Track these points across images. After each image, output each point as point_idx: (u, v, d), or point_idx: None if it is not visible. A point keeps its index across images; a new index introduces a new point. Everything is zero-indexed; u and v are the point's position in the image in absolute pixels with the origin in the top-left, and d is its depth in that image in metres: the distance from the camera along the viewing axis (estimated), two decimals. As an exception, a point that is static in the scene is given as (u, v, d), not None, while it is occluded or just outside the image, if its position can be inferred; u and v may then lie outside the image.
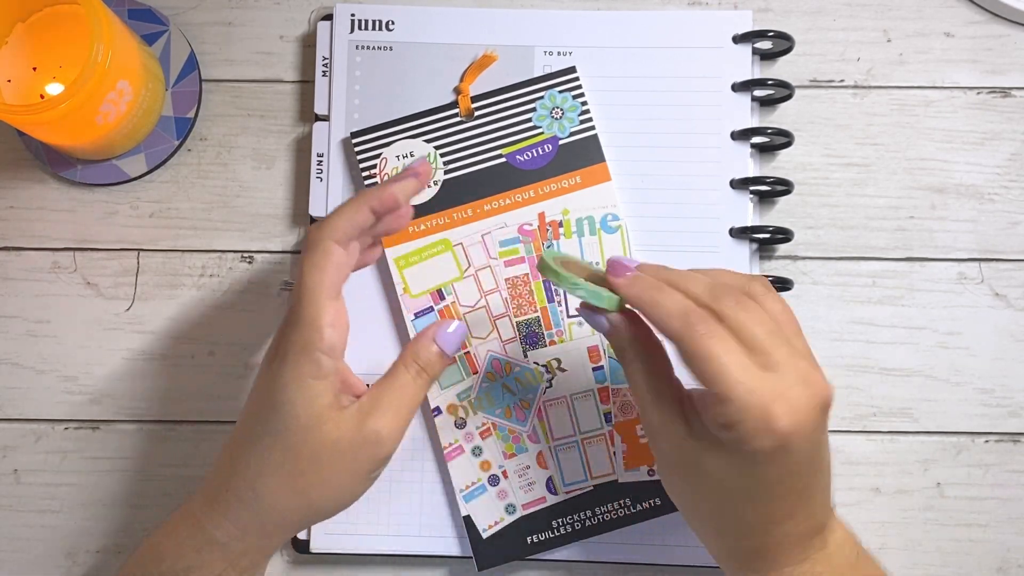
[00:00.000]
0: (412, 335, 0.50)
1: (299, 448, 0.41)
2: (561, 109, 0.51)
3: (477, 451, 0.50)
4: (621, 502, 0.49)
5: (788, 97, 0.53)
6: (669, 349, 0.40)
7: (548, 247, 0.51)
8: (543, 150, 0.51)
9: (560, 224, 0.51)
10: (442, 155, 0.51)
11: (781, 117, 0.54)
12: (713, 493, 0.39)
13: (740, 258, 0.51)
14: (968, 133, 0.53)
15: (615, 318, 0.41)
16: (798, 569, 0.39)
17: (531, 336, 0.50)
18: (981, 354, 0.52)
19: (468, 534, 0.49)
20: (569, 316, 0.50)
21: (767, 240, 0.51)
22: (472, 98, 0.52)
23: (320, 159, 0.52)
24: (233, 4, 0.55)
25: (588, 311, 0.41)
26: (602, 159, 0.51)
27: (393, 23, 0.53)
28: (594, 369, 0.50)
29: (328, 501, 0.42)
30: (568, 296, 0.50)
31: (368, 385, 0.44)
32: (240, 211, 0.54)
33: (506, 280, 0.51)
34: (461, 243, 0.51)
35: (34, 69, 0.51)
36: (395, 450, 0.42)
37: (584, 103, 0.52)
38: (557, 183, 0.51)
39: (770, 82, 0.51)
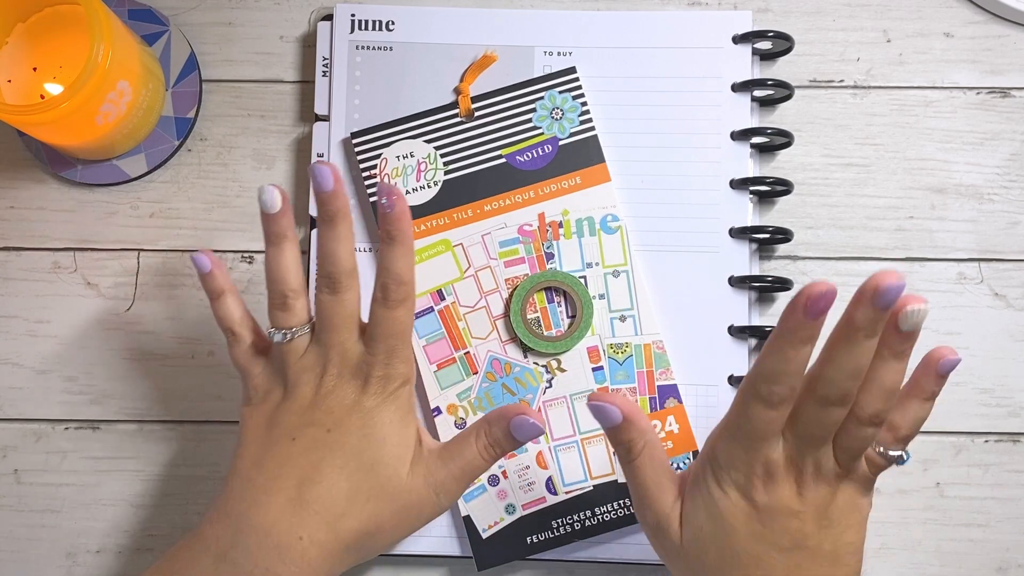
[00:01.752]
0: (412, 335, 0.50)
1: (372, 482, 0.41)
2: (561, 109, 0.52)
3: (477, 451, 0.50)
4: (621, 502, 0.49)
5: (788, 97, 0.53)
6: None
7: (548, 246, 0.51)
8: (543, 150, 0.51)
9: (560, 224, 0.51)
10: (442, 155, 0.51)
11: (781, 117, 0.54)
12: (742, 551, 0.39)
13: (740, 258, 0.51)
14: (968, 133, 0.53)
15: (626, 408, 0.41)
16: None
17: (531, 336, 0.50)
18: (981, 354, 0.52)
19: (468, 534, 0.49)
20: (568, 316, 0.50)
21: (767, 240, 0.51)
22: (472, 98, 0.52)
23: (320, 159, 0.52)
24: (233, 4, 0.55)
25: (598, 403, 0.41)
26: (602, 159, 0.51)
27: (393, 23, 0.53)
28: (594, 369, 0.50)
29: (361, 537, 0.41)
30: (569, 299, 0.50)
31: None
32: (240, 211, 0.54)
33: (506, 280, 0.51)
34: (461, 243, 0.51)
35: (34, 69, 0.51)
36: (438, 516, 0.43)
37: (584, 103, 0.52)
38: (557, 183, 0.51)
39: (770, 82, 0.51)
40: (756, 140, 0.52)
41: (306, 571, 0.39)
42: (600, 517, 0.49)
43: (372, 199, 0.51)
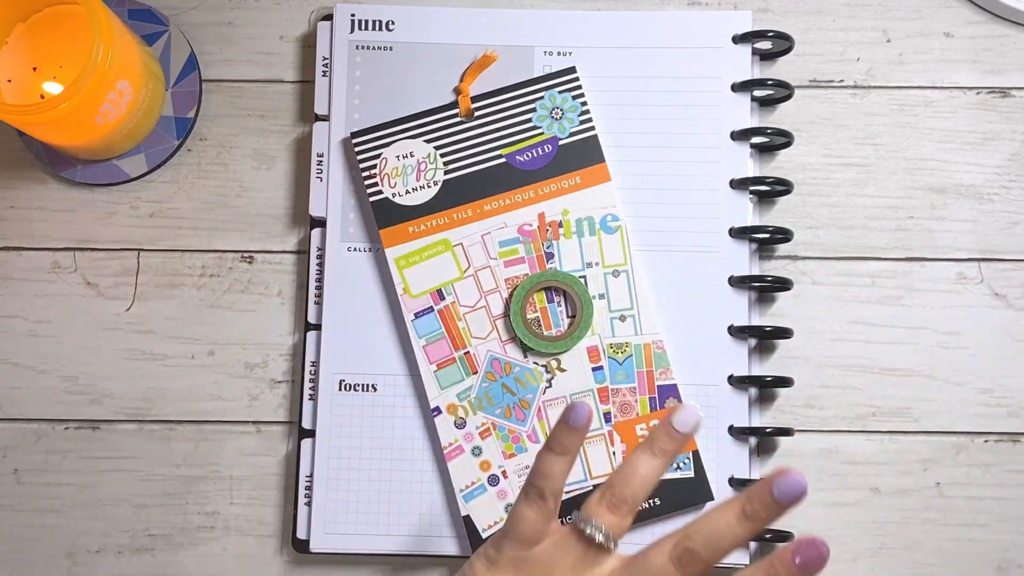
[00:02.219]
0: (412, 335, 0.50)
1: None
2: (561, 109, 0.52)
3: (477, 451, 0.50)
4: (621, 502, 0.49)
5: (788, 97, 0.53)
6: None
7: (548, 246, 0.51)
8: (543, 150, 0.51)
9: (560, 224, 0.51)
10: (442, 155, 0.51)
11: (781, 117, 0.54)
12: None
13: (740, 258, 0.51)
14: (968, 133, 0.53)
15: None
16: None
17: (531, 336, 0.50)
18: (981, 354, 0.52)
19: (468, 534, 0.49)
20: (568, 316, 0.50)
21: (767, 240, 0.51)
22: (472, 98, 0.52)
23: (320, 159, 0.52)
24: (233, 4, 0.55)
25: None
26: (602, 159, 0.51)
27: (393, 23, 0.53)
28: (594, 369, 0.50)
29: None
30: (569, 299, 0.50)
31: None
32: (240, 211, 0.54)
33: (506, 280, 0.51)
34: (461, 243, 0.51)
35: (34, 69, 0.51)
36: None
37: (584, 103, 0.52)
38: (557, 183, 0.51)
39: (770, 82, 0.51)
40: (756, 140, 0.52)
41: None
42: (600, 517, 0.49)
43: (372, 199, 0.51)
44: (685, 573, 0.36)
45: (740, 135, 0.51)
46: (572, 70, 0.52)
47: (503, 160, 0.51)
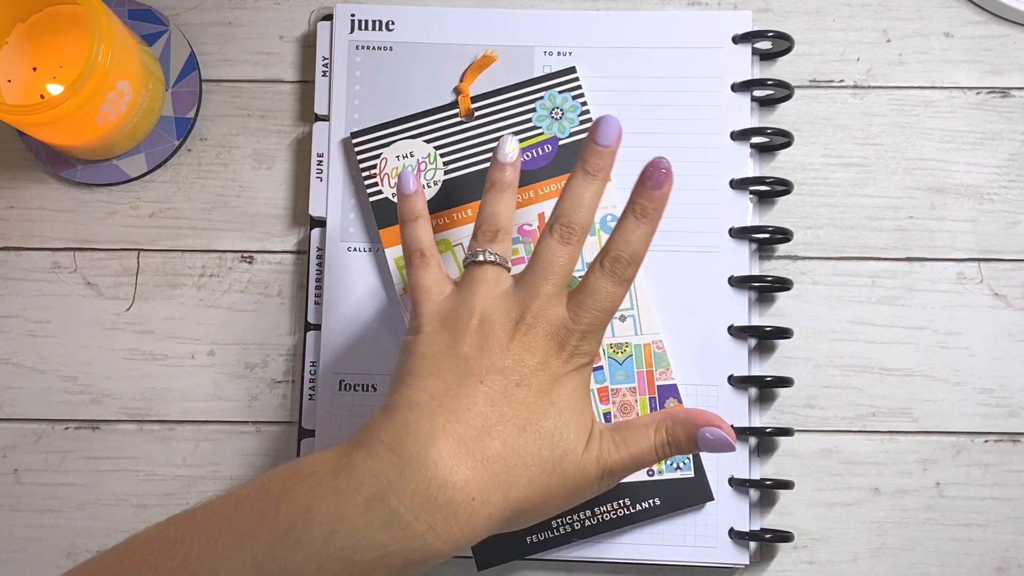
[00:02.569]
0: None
1: (549, 452, 0.38)
2: (561, 109, 0.52)
3: (477, 451, 0.50)
4: (621, 502, 0.49)
5: (788, 97, 0.53)
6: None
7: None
8: (543, 150, 0.51)
9: (560, 224, 0.51)
10: (442, 155, 0.51)
11: (781, 117, 0.54)
12: None
13: (740, 258, 0.51)
14: (968, 133, 0.53)
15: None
16: None
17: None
18: (981, 354, 0.52)
19: (468, 534, 0.49)
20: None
21: (767, 240, 0.51)
22: (472, 98, 0.52)
23: (320, 159, 0.52)
24: (233, 4, 0.55)
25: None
26: (602, 159, 0.51)
27: (393, 23, 0.53)
28: (593, 369, 0.50)
29: (526, 508, 0.38)
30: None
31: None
32: (240, 211, 0.54)
33: (506, 280, 0.51)
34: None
35: (34, 69, 0.51)
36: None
37: (584, 103, 0.52)
38: (557, 183, 0.51)
39: (770, 82, 0.51)
40: (756, 140, 0.52)
41: (468, 535, 0.35)
42: (600, 517, 0.49)
43: (372, 199, 0.51)
44: (572, 243, 0.41)
45: (740, 135, 0.51)
46: (572, 70, 0.52)
47: (503, 160, 0.51)
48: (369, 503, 0.34)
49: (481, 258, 0.42)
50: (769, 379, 0.50)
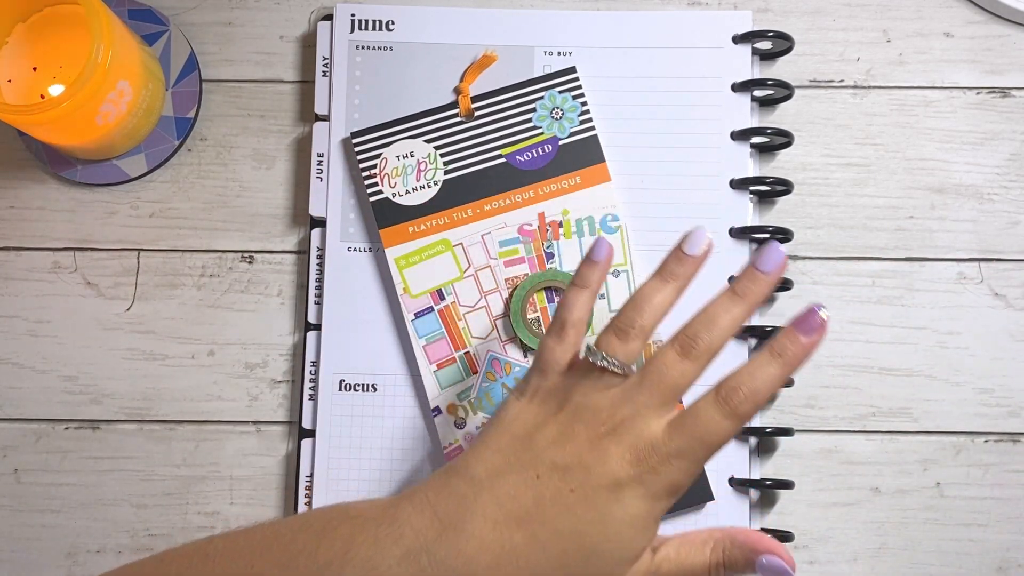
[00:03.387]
0: (412, 335, 0.50)
1: (579, 571, 0.37)
2: (561, 109, 0.52)
3: (477, 451, 0.50)
4: (621, 502, 0.49)
5: (788, 97, 0.53)
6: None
7: (548, 246, 0.51)
8: (543, 150, 0.51)
9: (560, 224, 0.51)
10: (442, 155, 0.51)
11: (781, 117, 0.54)
12: None
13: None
14: (968, 133, 0.53)
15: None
16: None
17: (531, 336, 0.50)
18: (981, 354, 0.52)
19: (468, 534, 0.49)
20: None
21: (767, 240, 0.51)
22: (472, 98, 0.52)
23: (320, 159, 0.52)
24: (233, 4, 0.55)
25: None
26: (602, 159, 0.51)
27: (393, 23, 0.53)
28: (594, 369, 0.50)
29: None
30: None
31: None
32: (240, 211, 0.54)
33: (506, 280, 0.51)
34: (461, 243, 0.51)
35: (34, 69, 0.51)
36: None
37: (584, 103, 0.52)
38: (557, 183, 0.51)
39: (770, 82, 0.51)
40: (756, 140, 0.52)
41: None
42: (600, 517, 0.49)
43: (372, 199, 0.51)
44: (690, 358, 0.38)
45: (740, 135, 0.51)
46: (572, 70, 0.52)
47: (503, 160, 0.51)
48: (404, 556, 0.35)
49: (602, 363, 0.38)
50: (769, 379, 0.50)
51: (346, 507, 0.38)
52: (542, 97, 0.52)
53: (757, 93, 0.52)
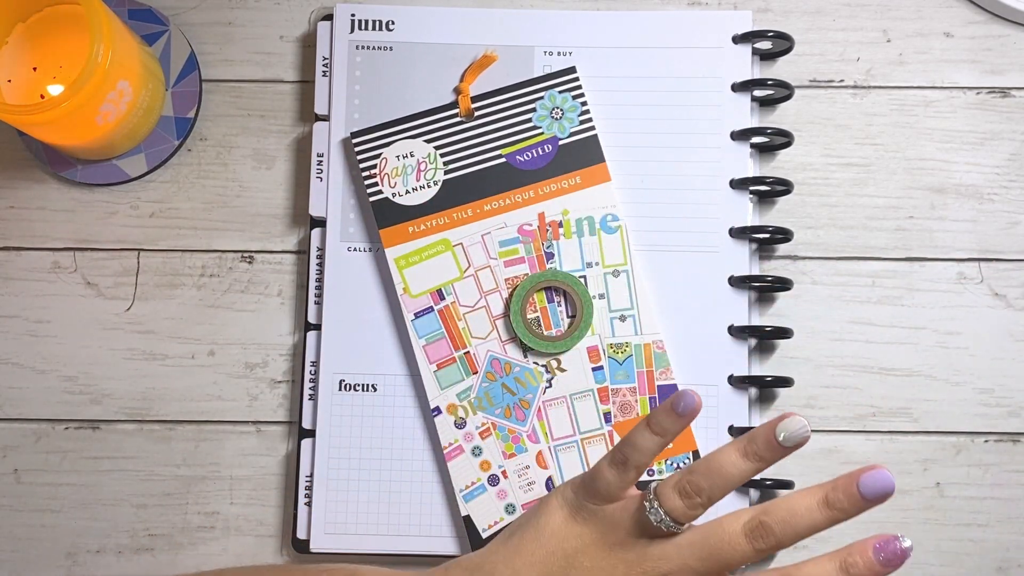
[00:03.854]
0: (412, 335, 0.50)
1: None
2: (561, 109, 0.52)
3: (477, 451, 0.50)
4: (621, 502, 0.49)
5: (788, 97, 0.53)
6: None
7: (548, 246, 0.51)
8: (543, 150, 0.51)
9: (560, 224, 0.51)
10: (442, 155, 0.51)
11: (781, 117, 0.54)
12: None
13: (740, 258, 0.51)
14: (968, 133, 0.53)
15: None
16: None
17: (531, 336, 0.50)
18: (981, 354, 0.52)
19: (468, 534, 0.49)
20: (568, 316, 0.50)
21: (767, 240, 0.51)
22: (472, 98, 0.52)
23: (320, 159, 0.52)
24: (233, 4, 0.55)
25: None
26: (602, 159, 0.51)
27: (393, 23, 0.53)
28: (593, 369, 0.50)
29: None
30: (569, 299, 0.50)
31: None
32: (240, 211, 0.54)
33: (506, 280, 0.51)
34: (461, 243, 0.51)
35: (34, 69, 0.51)
36: None
37: (584, 103, 0.52)
38: (557, 183, 0.51)
39: (770, 82, 0.51)
40: (756, 140, 0.52)
41: None
42: (600, 517, 0.49)
43: (372, 199, 0.51)
44: (755, 546, 0.37)
45: (740, 135, 0.51)
46: (572, 70, 0.52)
47: (503, 160, 0.51)
48: None
49: (651, 516, 0.39)
50: (769, 379, 0.50)
51: (357, 571, 0.40)
52: (542, 97, 0.52)
53: (757, 93, 0.52)
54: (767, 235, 0.50)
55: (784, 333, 0.50)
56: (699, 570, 0.38)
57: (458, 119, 0.52)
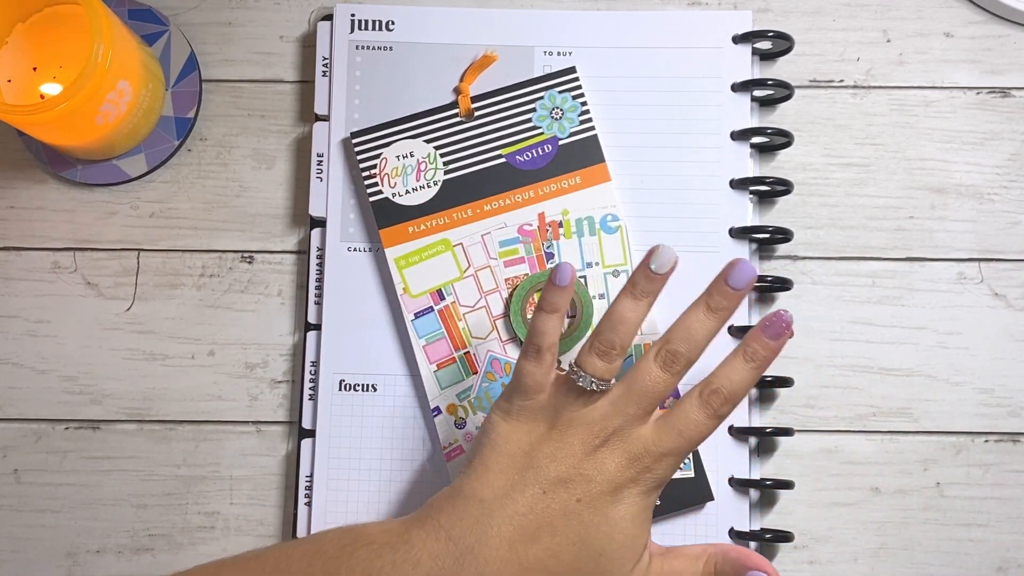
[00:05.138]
0: (412, 335, 0.50)
1: (593, 570, 0.40)
2: (561, 109, 0.52)
3: (477, 451, 0.50)
4: (621, 502, 0.49)
5: (788, 97, 0.53)
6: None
7: (548, 246, 0.51)
8: (543, 150, 0.51)
9: (560, 224, 0.51)
10: (442, 155, 0.51)
11: (781, 117, 0.54)
12: None
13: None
14: (968, 133, 0.53)
15: None
16: None
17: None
18: (980, 354, 0.52)
19: (468, 534, 0.49)
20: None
21: (767, 240, 0.51)
22: (472, 98, 0.52)
23: (320, 159, 0.52)
24: (233, 4, 0.55)
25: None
26: (602, 159, 0.51)
27: (393, 23, 0.53)
28: (594, 369, 0.50)
29: None
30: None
31: None
32: (240, 211, 0.54)
33: (506, 280, 0.51)
34: (461, 243, 0.51)
35: (34, 69, 0.51)
36: None
37: (584, 103, 0.52)
38: (557, 183, 0.51)
39: (770, 82, 0.51)
40: (756, 140, 0.52)
41: None
42: (600, 517, 0.49)
43: (372, 199, 0.51)
44: (672, 371, 0.41)
45: (740, 135, 0.51)
46: (572, 70, 0.52)
47: (503, 160, 0.51)
48: None
49: (581, 383, 0.41)
50: (769, 379, 0.50)
51: (355, 531, 0.40)
52: (542, 97, 0.52)
53: (757, 93, 0.52)
54: (767, 235, 0.51)
55: (784, 333, 0.50)
56: (637, 413, 0.41)
57: (458, 119, 0.52)
